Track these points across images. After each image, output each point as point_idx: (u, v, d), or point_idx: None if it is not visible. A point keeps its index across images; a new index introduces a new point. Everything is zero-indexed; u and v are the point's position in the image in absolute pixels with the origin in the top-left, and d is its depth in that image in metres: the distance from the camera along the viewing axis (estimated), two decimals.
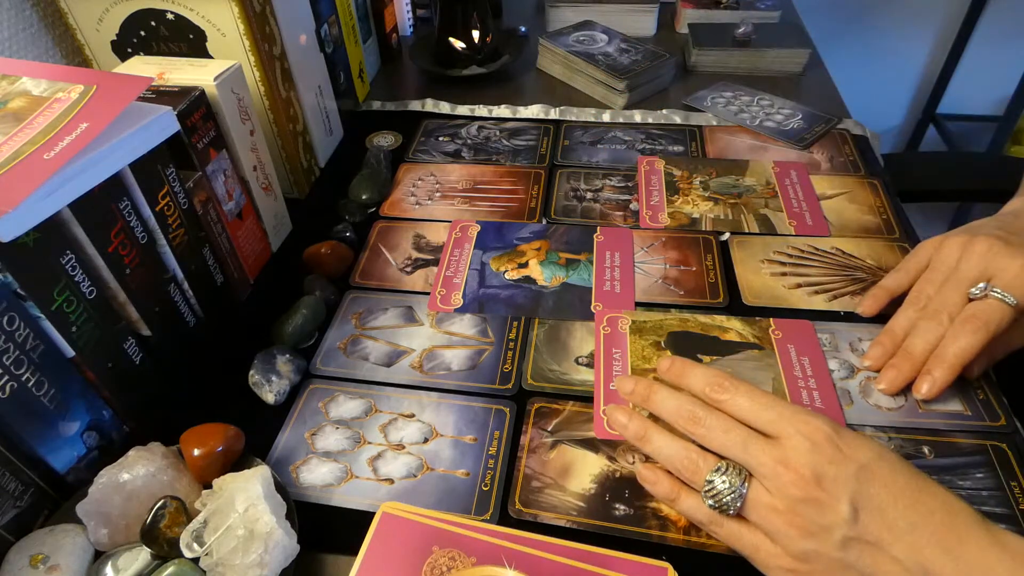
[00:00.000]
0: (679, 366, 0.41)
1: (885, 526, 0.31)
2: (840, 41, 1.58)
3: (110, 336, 0.41)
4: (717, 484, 0.35)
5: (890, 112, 1.77)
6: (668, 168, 0.67)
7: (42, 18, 0.59)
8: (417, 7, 1.00)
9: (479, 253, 0.59)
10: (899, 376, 0.45)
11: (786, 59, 0.83)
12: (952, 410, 0.44)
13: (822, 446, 0.33)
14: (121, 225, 0.41)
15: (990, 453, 0.41)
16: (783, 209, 0.61)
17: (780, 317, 0.51)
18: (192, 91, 0.46)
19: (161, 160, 0.43)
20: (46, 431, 0.38)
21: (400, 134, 0.75)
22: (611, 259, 0.57)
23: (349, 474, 0.43)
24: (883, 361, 0.46)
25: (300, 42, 0.62)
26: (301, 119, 0.65)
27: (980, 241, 0.45)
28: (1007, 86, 1.46)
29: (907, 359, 0.45)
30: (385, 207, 0.65)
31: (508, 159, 0.70)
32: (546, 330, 0.51)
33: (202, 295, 0.49)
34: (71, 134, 0.36)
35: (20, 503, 0.37)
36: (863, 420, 0.44)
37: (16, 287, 0.35)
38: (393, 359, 0.50)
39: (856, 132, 0.71)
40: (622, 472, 0.42)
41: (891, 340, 0.47)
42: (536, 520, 0.40)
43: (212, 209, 0.50)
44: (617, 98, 0.78)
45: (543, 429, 0.45)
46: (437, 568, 0.36)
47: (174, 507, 0.36)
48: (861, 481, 0.32)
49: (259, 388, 0.47)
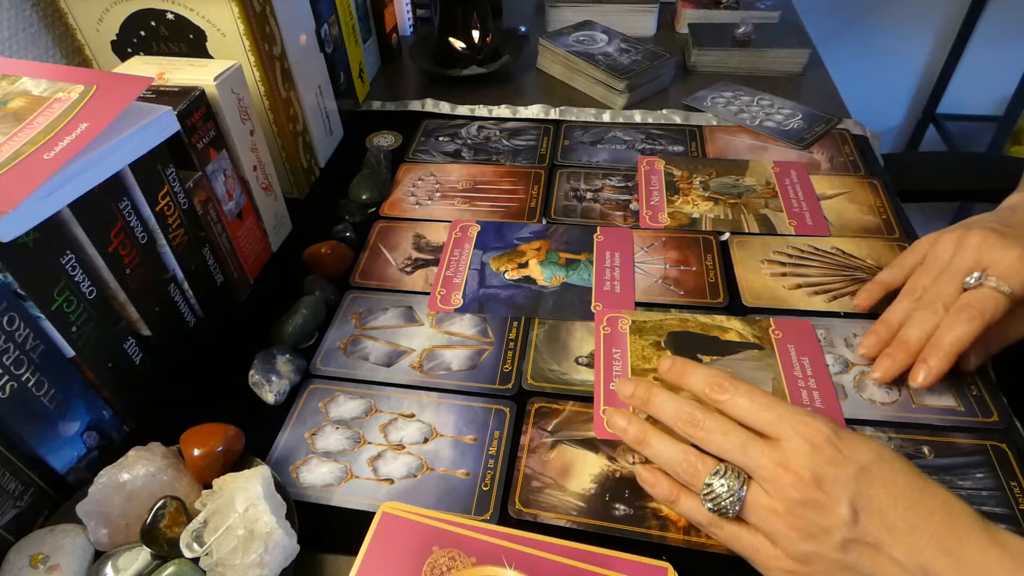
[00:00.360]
0: (679, 366, 0.41)
1: (885, 528, 0.31)
2: (840, 41, 1.58)
3: (110, 336, 0.41)
4: (716, 487, 0.35)
5: (890, 112, 1.77)
6: (668, 168, 0.67)
7: (42, 18, 0.59)
8: (417, 7, 1.00)
9: (479, 253, 0.59)
10: (894, 365, 0.45)
11: (786, 59, 0.83)
12: (945, 405, 0.44)
13: (822, 448, 0.33)
14: (121, 225, 0.41)
15: (990, 453, 0.41)
16: (783, 209, 0.61)
17: (780, 317, 0.51)
18: (192, 91, 0.46)
19: (161, 160, 0.43)
20: (46, 431, 0.38)
21: (400, 134, 0.75)
22: (611, 259, 0.57)
23: (349, 474, 0.43)
24: (877, 350, 0.46)
25: (300, 42, 0.62)
26: (301, 119, 0.65)
27: (975, 234, 0.45)
28: (1007, 86, 1.46)
29: (902, 348, 0.45)
30: (385, 207, 0.65)
31: (508, 159, 0.71)
32: (546, 330, 0.51)
33: (202, 295, 0.49)
34: (71, 134, 0.36)
35: (20, 503, 0.37)
36: (857, 415, 0.44)
37: (16, 287, 0.35)
38: (393, 359, 0.50)
39: (856, 132, 0.71)
40: (622, 472, 0.42)
41: (886, 330, 0.47)
42: (536, 520, 0.40)
43: (212, 209, 0.50)
44: (617, 98, 0.78)
45: (543, 429, 0.45)
46: (437, 568, 0.36)
47: (174, 507, 0.36)
48: (861, 483, 0.32)
49: (259, 388, 0.47)
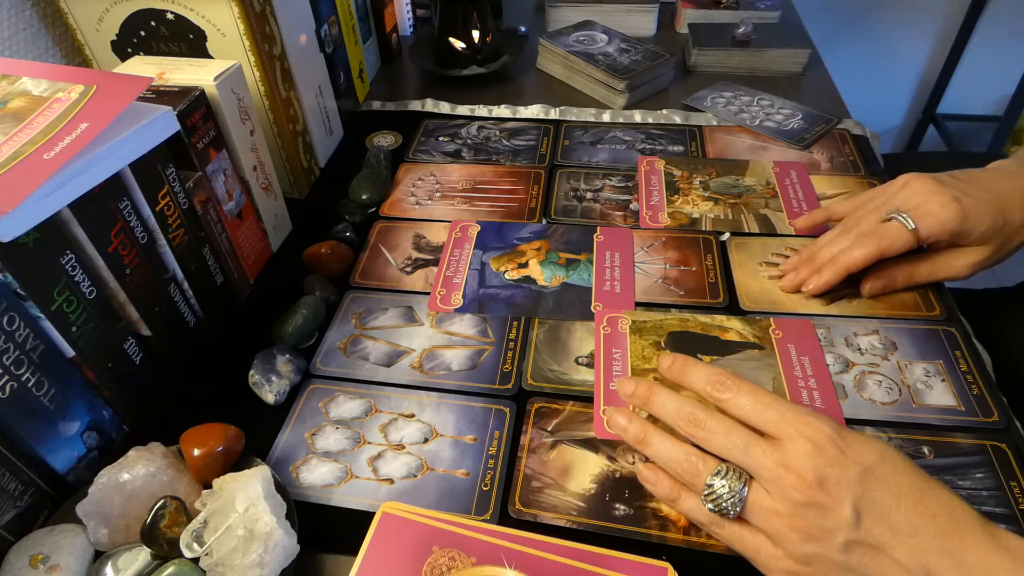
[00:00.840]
0: (680, 364, 0.41)
1: (888, 529, 0.31)
2: (840, 41, 1.58)
3: (110, 336, 0.41)
4: (717, 488, 0.35)
5: (890, 112, 1.77)
6: (668, 168, 0.67)
7: (42, 18, 0.59)
8: (417, 7, 1.00)
9: (479, 253, 0.59)
10: (797, 277, 0.52)
11: (786, 59, 0.83)
12: (945, 404, 0.44)
13: (825, 448, 0.33)
14: (121, 225, 0.41)
15: (990, 453, 0.41)
16: (783, 209, 0.61)
17: (780, 317, 0.51)
18: (192, 91, 0.46)
19: (161, 160, 0.43)
20: (46, 431, 0.38)
21: (400, 134, 0.75)
22: (611, 259, 0.57)
23: (349, 474, 0.43)
24: (792, 266, 0.53)
25: (300, 42, 0.62)
26: (301, 119, 0.65)
27: (918, 179, 0.49)
28: (1007, 86, 1.46)
29: (808, 264, 0.52)
30: (385, 207, 0.65)
31: (508, 159, 0.71)
32: (546, 330, 0.51)
33: (202, 295, 0.49)
34: (71, 134, 0.36)
35: (20, 503, 0.37)
36: (857, 415, 0.44)
37: (16, 287, 0.35)
38: (393, 359, 0.50)
39: (856, 132, 0.71)
40: (622, 472, 0.42)
41: (807, 252, 0.53)
42: (536, 520, 0.40)
43: (212, 209, 0.50)
44: (617, 98, 0.78)
45: (543, 429, 0.45)
46: (437, 568, 0.36)
47: (174, 507, 0.36)
48: (864, 484, 0.32)
49: (259, 388, 0.47)
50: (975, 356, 0.47)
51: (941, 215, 0.47)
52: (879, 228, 0.49)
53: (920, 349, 0.48)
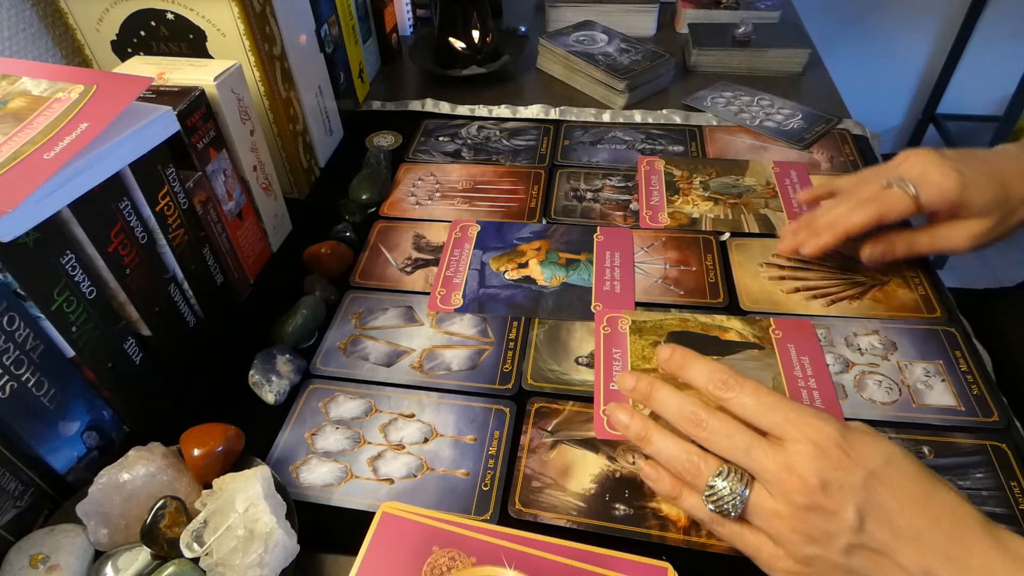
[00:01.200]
0: (680, 357, 0.39)
1: (891, 534, 0.31)
2: (840, 41, 1.58)
3: (110, 336, 0.41)
4: (718, 488, 0.34)
5: (890, 112, 1.77)
6: (668, 168, 0.67)
7: (42, 18, 0.59)
8: (417, 7, 1.00)
9: (479, 253, 0.59)
10: (794, 239, 0.52)
11: (786, 59, 0.83)
12: (945, 404, 0.44)
13: (829, 452, 0.32)
14: (121, 225, 0.41)
15: (990, 453, 0.41)
16: (783, 209, 0.61)
17: (780, 317, 0.51)
18: (192, 91, 0.46)
19: (161, 160, 0.43)
20: (46, 431, 0.38)
21: (400, 134, 0.75)
22: (611, 259, 0.57)
23: (349, 474, 0.43)
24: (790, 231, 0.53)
25: (300, 42, 0.62)
26: (301, 119, 0.65)
27: (921, 152, 0.49)
28: (1007, 86, 1.46)
29: (807, 227, 0.52)
30: (385, 207, 0.65)
31: (508, 159, 0.71)
32: (546, 330, 0.51)
33: (202, 295, 0.49)
34: (71, 134, 0.36)
35: (20, 503, 0.37)
36: (857, 415, 0.44)
37: (16, 287, 0.35)
38: (393, 359, 0.50)
39: (856, 132, 0.72)
40: (622, 472, 0.42)
41: (806, 217, 0.53)
42: (536, 520, 0.40)
43: (212, 209, 0.50)
44: (617, 98, 0.78)
45: (543, 429, 0.45)
46: (437, 568, 0.36)
47: (174, 507, 0.36)
48: (868, 489, 0.32)
49: (259, 388, 0.47)
50: (975, 356, 0.47)
51: (942, 183, 0.47)
52: (880, 194, 0.49)
53: (920, 349, 0.48)
